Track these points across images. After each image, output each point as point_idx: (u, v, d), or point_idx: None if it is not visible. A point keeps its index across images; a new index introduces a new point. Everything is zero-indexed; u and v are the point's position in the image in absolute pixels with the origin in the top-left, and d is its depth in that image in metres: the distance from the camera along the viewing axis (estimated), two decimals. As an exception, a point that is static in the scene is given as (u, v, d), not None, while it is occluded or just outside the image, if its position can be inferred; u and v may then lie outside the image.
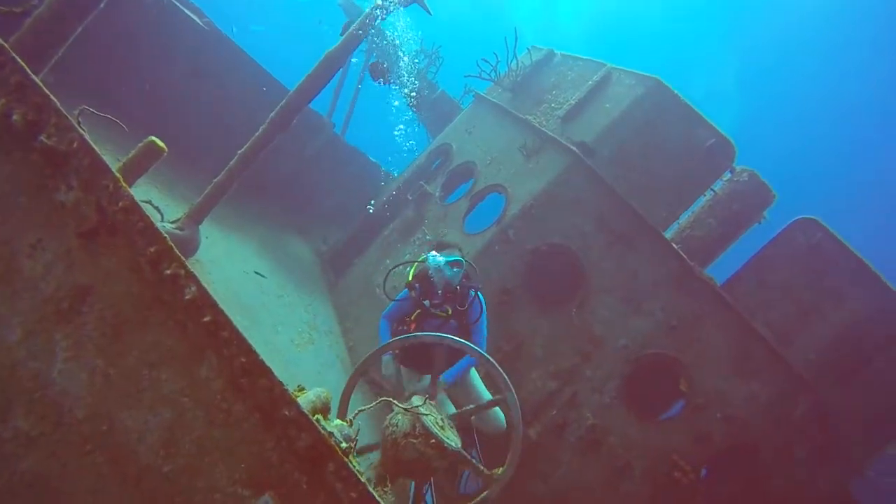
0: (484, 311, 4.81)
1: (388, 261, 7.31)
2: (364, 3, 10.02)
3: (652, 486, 5.37)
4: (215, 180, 5.22)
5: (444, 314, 4.73)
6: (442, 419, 3.14)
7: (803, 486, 6.20)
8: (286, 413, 1.79)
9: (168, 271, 1.90)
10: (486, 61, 7.76)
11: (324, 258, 8.46)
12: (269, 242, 7.82)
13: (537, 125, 6.70)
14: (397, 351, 4.33)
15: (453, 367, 4.50)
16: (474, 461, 3.24)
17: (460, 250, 4.87)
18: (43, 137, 2.06)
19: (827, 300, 5.43)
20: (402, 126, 9.84)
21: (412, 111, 10.78)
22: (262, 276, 6.20)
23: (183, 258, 1.93)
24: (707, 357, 5.46)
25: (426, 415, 3.00)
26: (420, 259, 5.25)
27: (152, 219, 1.98)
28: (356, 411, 2.20)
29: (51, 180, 2.07)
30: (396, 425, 2.99)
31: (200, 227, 4.89)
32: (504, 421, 4.85)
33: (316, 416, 1.94)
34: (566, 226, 6.03)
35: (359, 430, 2.12)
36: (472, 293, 4.79)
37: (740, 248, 6.01)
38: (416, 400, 3.14)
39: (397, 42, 9.29)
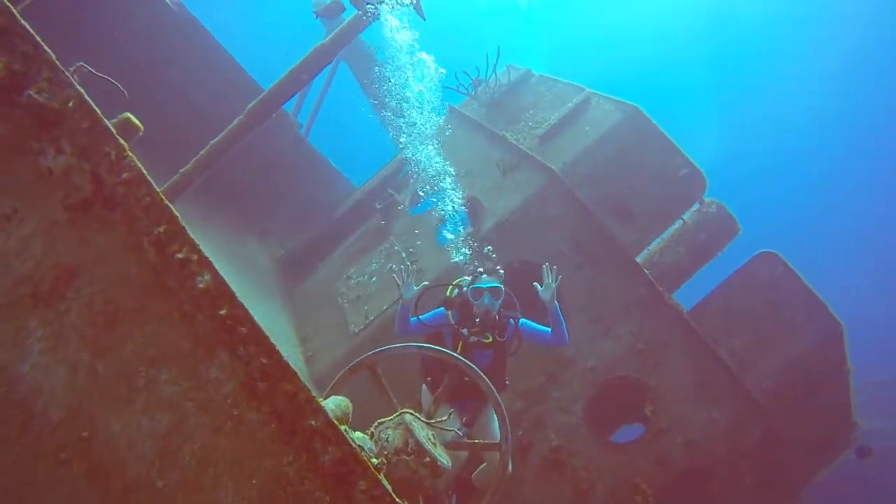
0: (524, 340, 4.45)
1: (352, 269, 7.07)
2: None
3: (614, 510, 5.35)
4: (183, 169, 4.87)
5: (487, 341, 4.34)
6: (433, 436, 2.96)
7: (747, 511, 6.38)
8: (312, 423, 1.58)
9: (179, 255, 1.66)
10: (467, 74, 7.73)
11: (281, 263, 8.08)
12: (225, 243, 7.40)
13: (514, 142, 6.70)
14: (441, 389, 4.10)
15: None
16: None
17: (500, 275, 4.49)
18: (32, 92, 1.78)
19: (783, 330, 5.65)
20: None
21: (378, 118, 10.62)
22: None
23: (195, 240, 1.70)
24: (672, 381, 5.54)
25: (419, 430, 2.82)
26: (456, 282, 4.85)
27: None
28: (377, 422, 2.00)
29: (36, 142, 1.78)
30: (387, 440, 2.79)
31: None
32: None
33: (343, 427, 1.74)
34: (540, 243, 6.02)
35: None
36: (512, 323, 4.40)
37: (704, 276, 6.19)
38: (407, 414, 2.96)
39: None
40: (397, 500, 1.53)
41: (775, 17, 28.65)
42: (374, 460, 1.62)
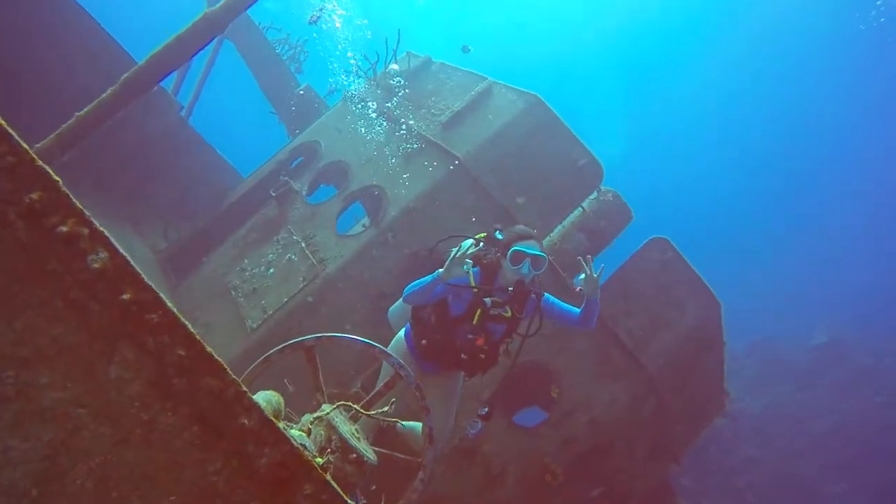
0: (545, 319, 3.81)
1: (245, 261, 6.56)
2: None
3: (524, 490, 5.45)
4: (38, 145, 4.17)
5: (506, 315, 3.76)
6: (357, 430, 2.76)
7: (638, 479, 6.83)
8: (244, 422, 1.34)
9: (63, 228, 1.33)
10: (367, 59, 7.47)
11: (162, 256, 7.30)
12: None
13: (416, 129, 6.57)
14: (421, 345, 3.73)
15: None
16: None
17: (538, 241, 3.75)
18: None
19: (671, 310, 6.09)
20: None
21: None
22: None
23: (85, 212, 1.37)
24: (575, 363, 5.75)
25: (342, 426, 2.61)
26: (479, 236, 4.02)
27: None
28: (308, 417, 1.76)
29: None
30: (314, 438, 2.54)
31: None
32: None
33: (280, 424, 1.50)
34: (446, 230, 5.95)
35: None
36: (533, 299, 3.76)
37: (602, 260, 6.49)
38: (327, 407, 2.73)
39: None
40: (349, 501, 1.34)
41: (681, 10, 30.77)
42: (318, 460, 1.42)
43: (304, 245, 6.16)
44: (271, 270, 6.25)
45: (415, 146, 6.43)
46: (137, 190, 7.67)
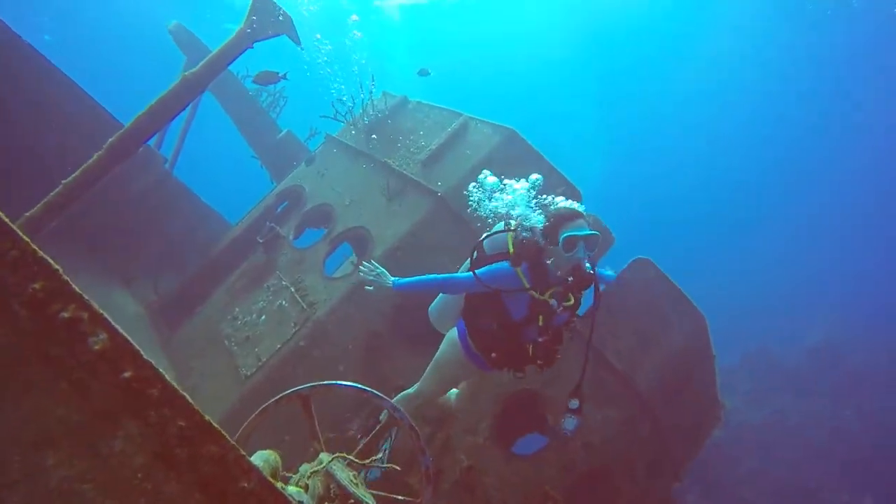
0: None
1: (237, 309, 6.61)
2: (202, 35, 9.33)
3: (527, 521, 5.46)
4: (27, 214, 4.26)
5: (568, 304, 3.54)
6: (355, 476, 2.82)
7: (640, 499, 6.84)
8: (244, 485, 1.42)
9: (65, 314, 1.43)
10: (343, 101, 7.68)
11: (153, 309, 7.33)
12: (90, 296, 6.55)
13: (397, 168, 6.74)
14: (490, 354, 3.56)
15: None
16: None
17: (585, 218, 3.48)
18: None
19: (658, 328, 6.20)
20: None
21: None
22: None
23: (84, 295, 1.47)
24: (568, 389, 5.81)
25: (340, 472, 2.67)
26: (513, 226, 3.72)
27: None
28: (304, 470, 1.84)
29: None
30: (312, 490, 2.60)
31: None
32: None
33: (278, 485, 1.58)
34: (432, 268, 6.06)
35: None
36: (591, 270, 3.46)
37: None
38: (324, 457, 2.79)
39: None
40: (348, 555, 1.42)
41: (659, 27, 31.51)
42: (317, 516, 1.50)
43: (293, 290, 6.24)
44: (262, 317, 6.31)
45: (395, 185, 6.58)
46: (127, 246, 7.73)
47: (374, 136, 7.48)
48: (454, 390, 4.51)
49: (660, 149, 37.96)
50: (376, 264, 3.98)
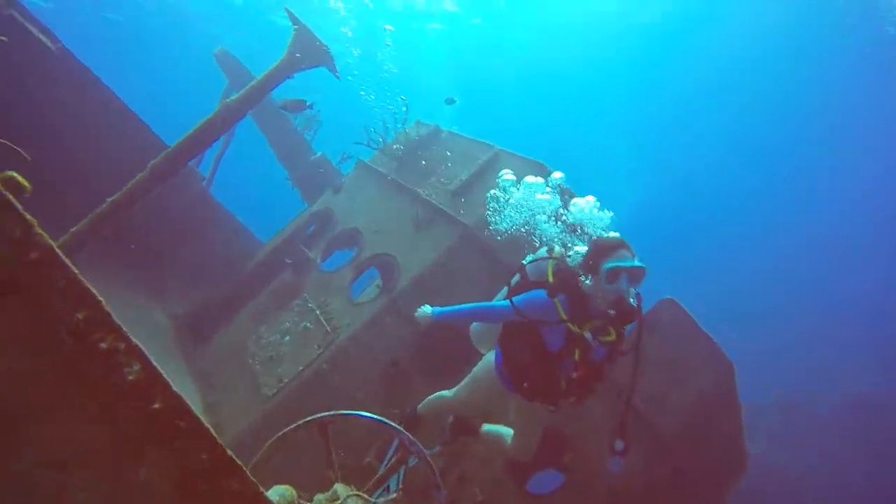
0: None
1: (262, 328, 6.72)
2: (246, 62, 9.71)
3: (541, 563, 5.34)
4: (73, 229, 4.46)
5: (608, 339, 3.39)
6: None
7: (661, 548, 6.61)
8: (261, 522, 1.46)
9: (104, 344, 1.50)
10: (374, 130, 7.86)
11: (180, 323, 7.51)
12: (117, 306, 6.75)
13: (427, 197, 6.83)
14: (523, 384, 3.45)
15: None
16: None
17: (629, 248, 3.35)
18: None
19: (683, 372, 6.08)
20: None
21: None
22: None
23: (122, 326, 1.54)
24: (590, 428, 5.72)
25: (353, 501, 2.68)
26: (553, 254, 3.62)
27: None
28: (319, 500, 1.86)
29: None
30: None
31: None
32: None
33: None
34: (457, 298, 6.09)
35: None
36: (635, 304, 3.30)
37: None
38: (340, 490, 2.81)
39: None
40: None
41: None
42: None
43: (318, 312, 6.33)
44: (287, 338, 6.40)
45: (424, 214, 6.66)
46: (160, 258, 7.97)
47: (405, 164, 7.62)
48: (508, 430, 4.46)
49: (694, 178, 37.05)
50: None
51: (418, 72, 24.98)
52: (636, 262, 3.28)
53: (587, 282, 3.37)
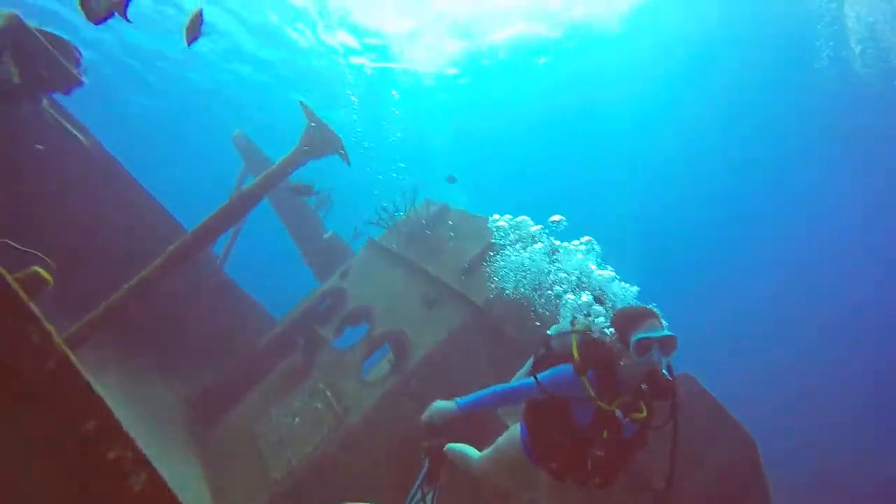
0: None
1: (272, 409, 6.66)
2: (261, 145, 10.18)
3: None
4: (89, 317, 4.56)
5: (640, 416, 3.21)
6: None
7: None
8: None
9: (111, 454, 1.53)
10: (385, 209, 8.08)
11: (190, 404, 7.46)
12: (128, 385, 6.77)
13: (436, 275, 6.91)
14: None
15: None
16: None
17: (658, 317, 3.20)
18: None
19: (703, 448, 5.86)
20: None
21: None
22: None
23: (130, 435, 1.58)
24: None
25: None
26: (581, 326, 3.47)
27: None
28: None
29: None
30: None
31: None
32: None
33: None
34: (469, 376, 6.04)
35: None
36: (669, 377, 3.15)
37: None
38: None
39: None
40: None
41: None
42: None
43: (328, 393, 6.28)
44: (297, 419, 6.32)
45: (434, 292, 6.73)
46: (171, 337, 8.04)
47: (414, 241, 7.77)
48: (473, 449, 4.34)
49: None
50: (429, 407, 3.70)
51: (421, 131, 25.46)
52: (667, 332, 3.11)
53: (617, 355, 3.23)
